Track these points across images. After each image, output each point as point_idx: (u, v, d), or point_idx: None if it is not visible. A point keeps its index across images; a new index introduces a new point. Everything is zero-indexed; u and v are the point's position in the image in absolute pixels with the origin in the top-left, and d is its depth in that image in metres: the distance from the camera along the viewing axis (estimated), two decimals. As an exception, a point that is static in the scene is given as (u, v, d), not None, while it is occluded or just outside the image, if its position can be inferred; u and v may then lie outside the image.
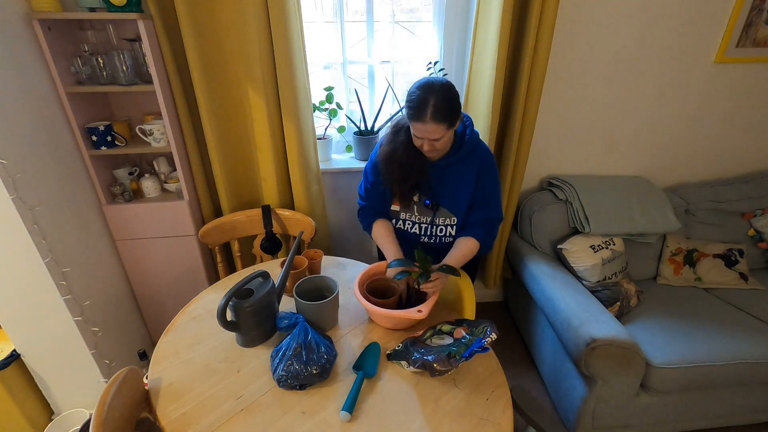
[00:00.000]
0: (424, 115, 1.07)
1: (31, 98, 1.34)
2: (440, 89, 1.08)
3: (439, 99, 1.07)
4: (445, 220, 1.29)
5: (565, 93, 1.88)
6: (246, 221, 1.75)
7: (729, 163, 2.14)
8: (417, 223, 1.32)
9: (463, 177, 1.23)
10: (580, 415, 1.53)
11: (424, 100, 1.07)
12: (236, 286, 1.05)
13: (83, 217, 1.56)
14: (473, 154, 1.23)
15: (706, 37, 1.82)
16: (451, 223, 1.29)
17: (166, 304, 1.89)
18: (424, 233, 1.33)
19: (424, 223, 1.31)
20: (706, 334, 1.56)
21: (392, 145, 1.24)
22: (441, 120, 1.07)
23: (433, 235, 1.33)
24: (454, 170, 1.23)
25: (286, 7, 1.45)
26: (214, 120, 1.61)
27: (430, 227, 1.31)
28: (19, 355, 1.49)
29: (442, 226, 1.30)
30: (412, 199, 1.29)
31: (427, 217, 1.29)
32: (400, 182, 1.25)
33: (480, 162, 1.22)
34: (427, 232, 1.32)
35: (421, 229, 1.32)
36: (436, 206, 1.27)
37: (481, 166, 1.23)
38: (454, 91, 1.10)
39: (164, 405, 0.94)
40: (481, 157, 1.23)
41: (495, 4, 1.53)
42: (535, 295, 1.76)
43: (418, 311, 1.08)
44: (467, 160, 1.22)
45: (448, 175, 1.24)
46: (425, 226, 1.31)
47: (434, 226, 1.31)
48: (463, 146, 1.21)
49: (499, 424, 0.91)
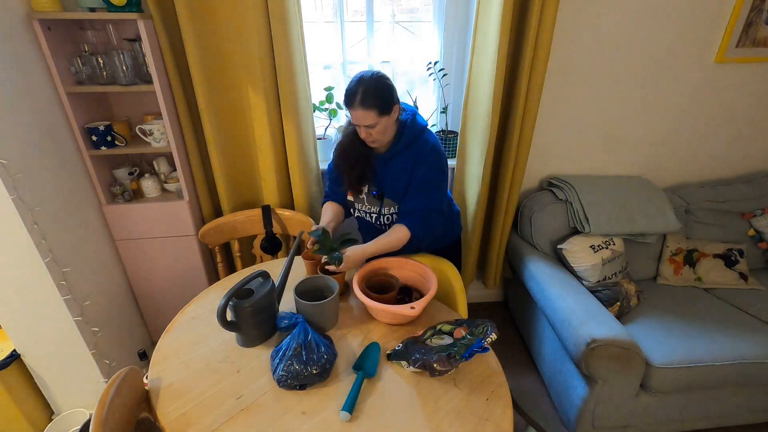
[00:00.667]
0: (354, 102, 1.18)
1: (31, 98, 1.34)
2: (369, 78, 1.18)
3: (368, 87, 1.17)
4: (390, 209, 1.36)
5: (565, 93, 1.88)
6: (246, 221, 1.75)
7: (729, 163, 2.14)
8: (368, 213, 1.40)
9: (402, 167, 1.30)
10: (580, 415, 1.53)
11: (355, 88, 1.18)
12: (236, 286, 1.05)
13: (83, 217, 1.56)
14: (412, 146, 1.29)
15: (706, 37, 1.82)
16: (395, 211, 1.36)
17: (166, 304, 1.89)
18: (374, 222, 1.42)
19: (373, 213, 1.39)
20: (706, 334, 1.56)
21: (343, 137, 1.36)
22: (368, 106, 1.17)
23: (381, 224, 1.41)
24: (396, 161, 1.31)
25: (286, 7, 1.45)
26: (214, 120, 1.61)
27: (378, 216, 1.39)
28: (19, 355, 1.49)
29: (388, 215, 1.38)
30: (362, 189, 1.38)
31: (375, 207, 1.37)
32: (348, 172, 1.35)
33: (415, 154, 1.28)
34: (377, 221, 1.40)
35: (372, 218, 1.40)
36: (381, 196, 1.35)
37: (417, 158, 1.28)
38: (384, 81, 1.20)
39: (164, 405, 0.94)
40: (418, 149, 1.29)
41: (495, 4, 1.53)
42: (535, 295, 1.76)
43: (411, 308, 1.09)
44: (406, 151, 1.29)
45: (391, 166, 1.32)
46: (374, 215, 1.39)
47: (382, 216, 1.38)
48: (402, 137, 1.28)
49: (499, 424, 0.91)
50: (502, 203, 1.92)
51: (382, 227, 1.42)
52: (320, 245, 1.24)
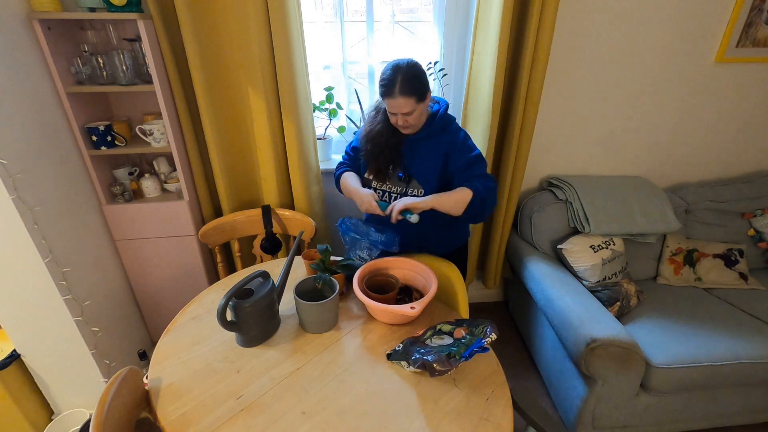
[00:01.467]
0: (393, 91, 1.20)
1: (31, 98, 1.34)
2: (406, 66, 1.21)
3: (406, 75, 1.19)
4: (414, 191, 1.37)
5: (565, 93, 1.88)
6: (246, 221, 1.75)
7: (729, 163, 2.14)
8: (388, 192, 1.41)
9: (432, 151, 1.33)
10: (580, 415, 1.53)
11: (393, 77, 1.20)
12: (236, 286, 1.05)
13: (83, 217, 1.56)
14: (442, 133, 1.33)
15: (706, 37, 1.82)
16: (418, 194, 1.36)
17: (166, 304, 1.89)
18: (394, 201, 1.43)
19: (395, 193, 1.40)
20: (706, 334, 1.56)
21: (371, 125, 1.38)
22: (409, 93, 1.19)
23: None
24: (424, 145, 1.34)
25: (286, 8, 1.45)
26: (214, 120, 1.61)
27: (401, 197, 1.38)
28: (19, 355, 1.49)
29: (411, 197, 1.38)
30: (387, 171, 1.39)
31: (400, 188, 1.38)
32: (377, 158, 1.38)
33: (448, 141, 1.32)
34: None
35: (391, 198, 1.40)
36: (408, 178, 1.37)
37: (450, 144, 1.32)
38: (419, 68, 1.23)
39: (164, 405, 0.94)
40: (449, 136, 1.33)
41: (495, 4, 1.53)
42: (535, 295, 1.76)
43: (411, 308, 1.09)
44: (436, 137, 1.33)
45: (420, 149, 1.35)
46: (396, 195, 1.40)
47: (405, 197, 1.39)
48: (433, 123, 1.32)
49: (499, 424, 0.91)
50: (502, 203, 1.92)
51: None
52: (318, 263, 1.25)
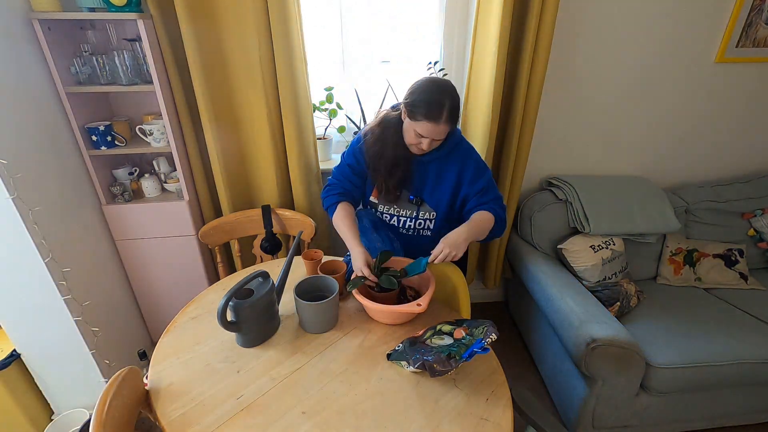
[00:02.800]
0: (440, 117, 1.08)
1: (31, 98, 1.34)
2: (453, 92, 1.11)
3: (453, 102, 1.10)
4: (425, 214, 1.31)
5: (565, 93, 1.88)
6: (246, 221, 1.75)
7: (729, 163, 2.14)
8: (396, 216, 1.34)
9: (444, 173, 1.26)
10: (580, 415, 1.53)
11: (440, 102, 1.08)
12: (236, 287, 1.05)
13: (83, 217, 1.56)
14: (454, 152, 1.25)
15: (706, 37, 1.82)
16: (430, 217, 1.31)
17: (166, 304, 1.89)
18: (402, 226, 1.36)
19: (404, 217, 1.33)
20: (706, 334, 1.56)
21: (380, 143, 1.25)
22: (452, 122, 1.12)
23: (412, 228, 1.36)
24: (435, 166, 1.26)
25: (286, 7, 1.45)
26: (214, 120, 1.61)
27: (411, 221, 1.33)
28: (19, 355, 1.49)
29: (421, 220, 1.33)
30: (396, 193, 1.30)
31: (410, 211, 1.32)
32: (387, 179, 1.27)
33: (460, 162, 1.25)
34: (406, 224, 1.35)
35: (400, 222, 1.35)
36: (420, 201, 1.30)
37: (462, 167, 1.24)
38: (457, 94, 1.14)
39: (164, 405, 0.94)
40: (459, 157, 1.25)
41: (495, 4, 1.53)
42: (535, 295, 1.76)
43: (417, 305, 1.08)
44: (448, 157, 1.25)
45: (430, 171, 1.26)
46: (405, 219, 1.33)
47: (415, 220, 1.33)
48: (446, 143, 1.23)
49: (499, 424, 0.91)
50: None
51: (411, 232, 1.37)
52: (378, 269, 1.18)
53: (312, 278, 1.20)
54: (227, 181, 1.74)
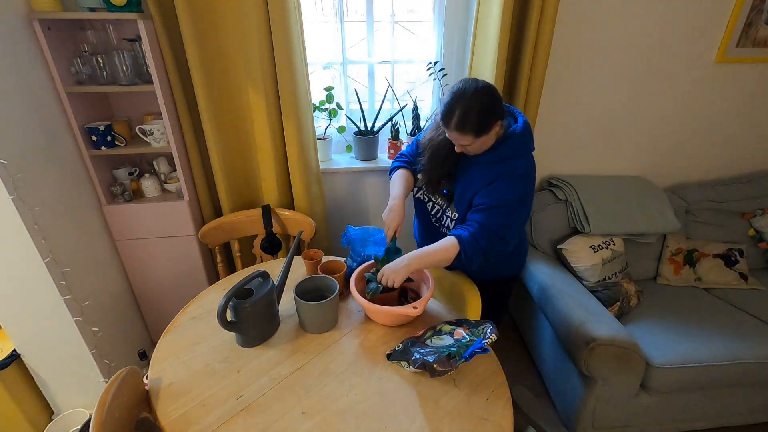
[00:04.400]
0: (450, 123, 1.09)
1: (31, 98, 1.34)
2: (470, 98, 1.06)
3: (465, 109, 1.05)
4: (452, 213, 1.29)
5: (566, 93, 1.88)
6: (246, 221, 1.75)
7: (729, 163, 2.14)
8: (434, 202, 1.35)
9: (479, 178, 1.18)
10: (580, 415, 1.53)
11: (452, 108, 1.07)
12: (236, 287, 1.05)
13: (83, 217, 1.56)
14: (503, 164, 1.16)
15: (706, 37, 1.82)
16: (452, 216, 1.29)
17: (166, 304, 1.89)
18: (434, 214, 1.36)
19: (438, 206, 1.33)
20: (706, 334, 1.56)
21: (433, 133, 1.27)
22: (464, 130, 1.07)
23: (438, 219, 1.36)
24: (477, 168, 1.20)
25: (286, 7, 1.45)
26: (214, 120, 1.61)
27: (442, 212, 1.33)
28: (19, 355, 1.49)
29: (447, 217, 1.31)
30: (438, 185, 1.31)
31: (444, 203, 1.32)
32: (431, 170, 1.29)
33: (502, 171, 1.15)
34: (437, 214, 1.35)
35: (433, 209, 1.35)
36: (450, 197, 1.29)
37: (498, 176, 1.15)
38: (485, 99, 1.06)
39: (164, 405, 0.94)
40: (502, 170, 1.15)
41: (495, 4, 1.53)
42: (535, 295, 1.76)
43: (413, 308, 1.08)
44: (492, 166, 1.17)
45: (472, 171, 1.21)
46: (438, 208, 1.33)
47: (443, 213, 1.33)
48: (500, 148, 1.15)
49: (499, 424, 0.91)
50: (502, 203, 1.91)
51: (437, 223, 1.35)
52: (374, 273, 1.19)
53: (312, 278, 1.20)
54: (227, 181, 1.73)
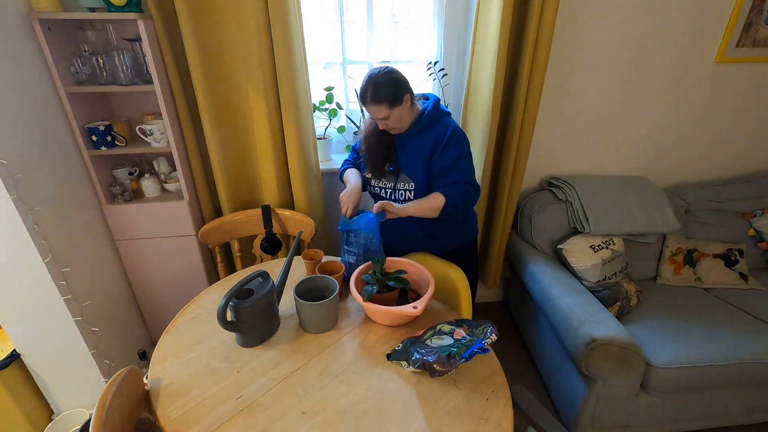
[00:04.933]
0: (366, 99, 1.28)
1: (31, 98, 1.34)
2: (377, 75, 1.26)
3: (376, 84, 1.26)
4: (405, 185, 1.42)
5: (566, 93, 1.88)
6: (246, 221, 1.75)
7: (729, 163, 2.14)
8: (383, 188, 1.47)
9: (420, 147, 1.38)
10: (580, 415, 1.53)
11: (365, 87, 1.28)
12: (236, 287, 1.05)
13: (83, 217, 1.56)
14: (431, 128, 1.37)
15: (706, 37, 1.82)
16: (409, 187, 1.41)
17: (166, 304, 1.89)
18: (389, 197, 1.48)
19: (388, 188, 1.46)
20: (706, 334, 1.56)
21: (366, 129, 1.48)
22: (378, 101, 1.26)
23: (395, 199, 1.46)
24: (414, 140, 1.39)
25: (286, 7, 1.45)
26: (214, 120, 1.61)
27: (393, 191, 1.45)
28: (19, 355, 1.49)
29: (402, 191, 1.43)
30: (382, 169, 1.46)
31: (391, 182, 1.45)
32: (372, 157, 1.46)
33: (434, 137, 1.36)
34: (392, 196, 1.47)
35: (386, 193, 1.47)
36: (397, 172, 1.43)
37: (435, 141, 1.35)
38: (391, 76, 1.27)
39: (164, 405, 0.94)
40: (436, 132, 1.36)
41: (495, 4, 1.53)
42: (535, 295, 1.76)
43: (413, 307, 1.08)
44: (424, 133, 1.38)
45: (409, 145, 1.40)
46: (389, 190, 1.46)
47: (396, 191, 1.44)
48: (419, 121, 1.37)
49: (499, 424, 0.91)
50: (502, 203, 1.91)
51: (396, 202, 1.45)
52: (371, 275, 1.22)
53: (312, 278, 1.20)
54: (227, 181, 1.73)
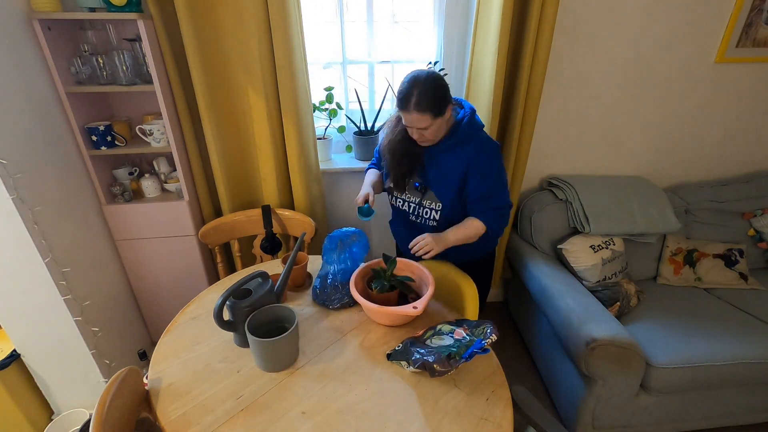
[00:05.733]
0: (409, 105, 1.15)
1: (31, 98, 1.34)
2: (425, 80, 1.15)
3: (423, 90, 1.14)
4: (431, 203, 1.34)
5: (566, 93, 1.88)
6: (246, 221, 1.75)
7: (729, 163, 2.14)
8: (407, 201, 1.40)
9: (452, 165, 1.28)
10: (580, 415, 1.53)
11: (409, 91, 1.15)
12: (234, 287, 1.05)
13: (83, 217, 1.56)
14: (466, 145, 1.26)
15: (706, 37, 1.82)
16: (436, 207, 1.34)
17: (166, 304, 1.89)
18: (412, 212, 1.41)
19: (412, 203, 1.38)
20: (706, 334, 1.56)
21: (390, 135, 1.35)
22: (423, 110, 1.15)
23: (419, 215, 1.40)
24: (446, 157, 1.29)
25: (286, 7, 1.45)
26: (214, 120, 1.61)
27: (417, 207, 1.38)
28: (19, 355, 1.49)
29: (428, 209, 1.36)
30: (405, 182, 1.38)
31: (416, 197, 1.37)
32: (394, 168, 1.36)
33: (468, 157, 1.25)
34: (415, 211, 1.40)
35: (410, 208, 1.40)
36: (424, 189, 1.35)
37: (470, 162, 1.25)
38: (438, 82, 1.16)
39: (164, 405, 0.94)
40: (470, 151, 1.25)
41: (495, 4, 1.53)
42: (535, 295, 1.76)
43: (413, 307, 1.08)
44: (458, 149, 1.27)
45: (440, 162, 1.30)
46: (413, 205, 1.38)
47: (421, 207, 1.37)
48: (456, 134, 1.25)
49: (499, 424, 0.91)
50: (502, 203, 1.91)
51: (419, 220, 1.41)
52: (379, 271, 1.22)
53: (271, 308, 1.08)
54: (227, 181, 1.74)
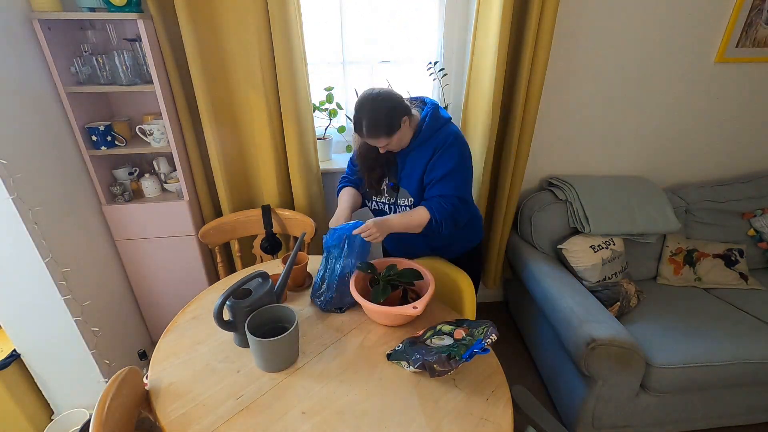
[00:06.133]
0: (362, 132, 1.20)
1: (31, 98, 1.34)
2: (371, 105, 1.17)
3: (370, 116, 1.16)
4: (405, 200, 1.37)
5: (566, 93, 1.88)
6: (246, 221, 1.75)
7: (729, 163, 2.14)
8: (385, 203, 1.42)
9: (419, 161, 1.31)
10: (580, 415, 1.53)
11: (358, 119, 1.19)
12: (234, 287, 1.05)
13: (83, 217, 1.56)
14: (431, 140, 1.29)
15: (706, 37, 1.82)
16: (409, 203, 1.37)
17: (166, 304, 1.89)
18: (391, 212, 1.43)
19: (389, 203, 1.41)
20: (706, 334, 1.56)
21: (359, 149, 1.39)
22: (376, 134, 1.19)
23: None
24: (414, 154, 1.32)
25: (286, 7, 1.45)
26: (214, 120, 1.61)
27: (394, 207, 1.41)
28: (19, 355, 1.49)
29: (403, 207, 1.38)
30: (380, 186, 1.40)
31: (392, 197, 1.40)
32: (368, 174, 1.40)
33: (434, 145, 1.28)
34: (392, 210, 1.42)
35: (389, 209, 1.42)
36: (397, 188, 1.38)
37: (434, 151, 1.28)
38: (385, 104, 1.17)
39: (164, 405, 0.94)
40: (436, 142, 1.28)
41: (495, 4, 1.53)
42: (535, 295, 1.76)
43: (413, 307, 1.08)
44: (425, 145, 1.30)
45: (409, 160, 1.33)
46: (390, 205, 1.41)
47: (398, 206, 1.40)
48: (420, 133, 1.28)
49: (499, 424, 0.91)
50: (502, 203, 1.91)
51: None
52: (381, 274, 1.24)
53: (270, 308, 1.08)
54: (227, 181, 1.74)
